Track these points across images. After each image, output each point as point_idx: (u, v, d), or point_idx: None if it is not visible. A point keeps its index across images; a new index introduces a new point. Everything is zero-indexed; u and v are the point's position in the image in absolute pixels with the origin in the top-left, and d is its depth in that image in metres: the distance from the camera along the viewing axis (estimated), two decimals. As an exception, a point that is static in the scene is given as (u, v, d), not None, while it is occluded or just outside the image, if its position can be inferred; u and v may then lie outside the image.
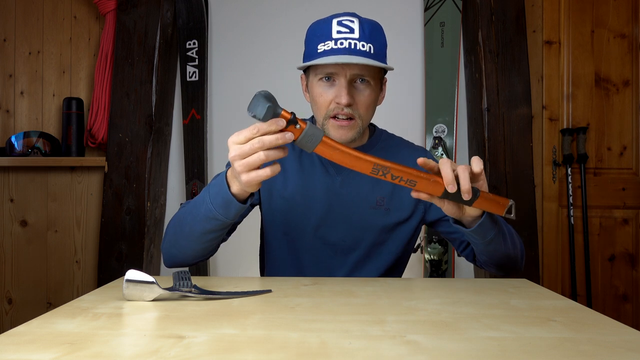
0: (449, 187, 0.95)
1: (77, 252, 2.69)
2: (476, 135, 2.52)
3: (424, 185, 0.97)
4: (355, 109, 1.18)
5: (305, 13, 2.48)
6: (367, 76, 1.17)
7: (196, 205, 1.09)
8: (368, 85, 1.19)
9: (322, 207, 1.28)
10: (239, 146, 0.92)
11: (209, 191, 1.05)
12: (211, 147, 2.69)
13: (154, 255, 2.58)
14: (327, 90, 1.19)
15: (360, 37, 1.15)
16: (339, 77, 1.16)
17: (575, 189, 2.60)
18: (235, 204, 1.02)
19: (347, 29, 1.15)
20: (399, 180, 0.96)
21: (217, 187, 1.03)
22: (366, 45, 1.14)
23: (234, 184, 1.00)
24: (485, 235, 1.09)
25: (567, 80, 2.64)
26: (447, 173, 0.95)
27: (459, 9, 2.55)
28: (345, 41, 1.14)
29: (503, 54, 2.46)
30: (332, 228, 1.29)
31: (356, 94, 1.18)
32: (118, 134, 2.52)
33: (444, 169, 0.96)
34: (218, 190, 1.03)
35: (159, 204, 2.62)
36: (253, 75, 2.68)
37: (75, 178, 2.70)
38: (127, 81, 2.52)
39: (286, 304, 0.89)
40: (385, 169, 0.94)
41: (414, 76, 2.65)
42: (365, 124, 1.22)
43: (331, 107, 1.18)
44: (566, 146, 2.58)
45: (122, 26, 2.55)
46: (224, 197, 1.01)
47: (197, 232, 1.10)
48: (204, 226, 1.08)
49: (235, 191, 1.01)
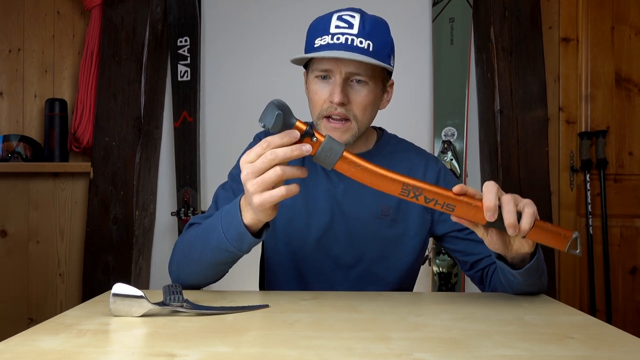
0: (487, 214, 0.90)
1: (61, 264, 2.68)
2: (488, 139, 2.53)
3: (464, 210, 0.92)
4: (350, 109, 1.17)
5: (305, 8, 2.49)
6: (364, 75, 1.17)
7: (207, 231, 1.08)
8: (365, 85, 1.18)
9: (324, 217, 1.28)
10: (251, 164, 0.91)
11: (221, 219, 1.04)
12: (204, 152, 2.68)
13: (143, 268, 2.59)
14: (322, 89, 1.19)
15: (359, 33, 1.14)
16: (334, 75, 1.16)
17: (594, 197, 2.59)
18: (248, 237, 1.00)
19: (345, 24, 1.15)
20: (434, 204, 0.91)
21: (230, 215, 1.01)
22: (364, 42, 1.14)
23: (247, 213, 0.98)
24: (530, 276, 1.06)
25: (585, 80, 2.63)
26: (488, 199, 0.90)
27: (470, 3, 2.55)
28: (342, 36, 1.14)
29: (517, 51, 2.47)
30: (334, 239, 1.28)
31: (352, 94, 1.17)
32: (104, 137, 2.52)
33: (486, 193, 0.91)
34: (230, 219, 1.01)
35: (148, 212, 2.62)
36: (249, 75, 2.67)
37: (59, 185, 2.69)
38: (114, 81, 2.53)
39: (284, 320, 0.89)
40: (417, 190, 0.90)
41: (421, 76, 2.64)
42: (362, 127, 1.21)
43: (325, 107, 1.18)
44: (584, 151, 2.57)
45: (109, 22, 2.55)
46: (237, 229, 1.00)
47: (207, 261, 1.10)
48: (215, 256, 1.08)
49: (248, 222, 0.99)
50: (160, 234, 2.71)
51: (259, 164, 0.89)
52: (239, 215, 0.98)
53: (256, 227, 1.00)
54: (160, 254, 2.69)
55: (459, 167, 2.50)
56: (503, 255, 1.04)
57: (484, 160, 2.60)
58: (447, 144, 2.53)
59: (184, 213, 2.58)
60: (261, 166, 0.89)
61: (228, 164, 1.36)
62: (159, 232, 2.71)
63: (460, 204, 0.91)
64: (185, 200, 2.59)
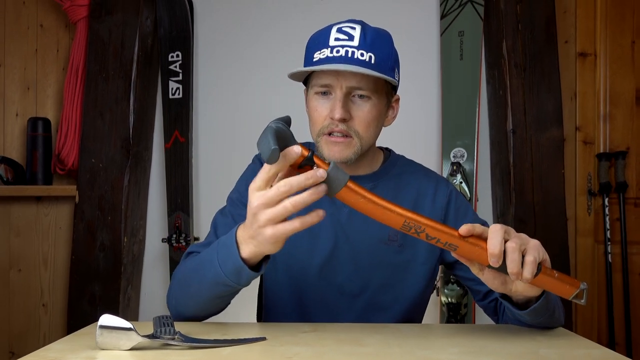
0: (492, 260, 0.89)
1: (44, 294, 2.65)
2: (500, 161, 2.49)
3: (467, 250, 0.91)
4: (351, 126, 1.16)
5: (304, 21, 2.44)
6: (366, 89, 1.16)
7: (203, 264, 1.07)
8: (367, 100, 1.17)
9: (327, 243, 1.26)
10: (262, 194, 0.88)
11: (217, 252, 1.02)
12: (197, 175, 2.66)
13: (132, 298, 2.56)
14: (322, 105, 1.18)
15: (360, 45, 1.14)
16: (335, 90, 1.16)
17: (613, 222, 2.54)
18: (246, 272, 0.98)
19: (346, 36, 1.15)
20: (435, 242, 0.91)
21: (226, 248, 0.99)
22: (365, 55, 1.13)
23: (247, 246, 0.96)
24: (537, 316, 1.05)
25: (603, 98, 2.59)
26: (493, 245, 0.89)
27: (480, 16, 2.51)
28: (342, 49, 1.14)
29: (531, 67, 2.44)
30: (338, 266, 1.27)
31: (353, 109, 1.17)
32: (90, 159, 2.50)
33: (492, 238, 0.89)
34: (227, 253, 0.99)
35: (138, 239, 2.60)
36: (245, 92, 2.65)
37: (42, 210, 2.68)
38: (101, 99, 2.50)
39: (283, 354, 0.89)
40: (419, 227, 0.89)
41: (429, 93, 2.61)
42: (365, 145, 1.20)
43: (325, 124, 1.17)
44: (603, 173, 2.53)
45: (95, 36, 2.52)
46: (234, 263, 0.98)
47: (205, 295, 1.09)
48: (212, 290, 1.07)
49: (247, 255, 0.96)
50: (150, 262, 2.68)
51: (273, 195, 0.87)
52: (235, 249, 0.96)
53: (255, 260, 0.98)
54: (150, 283, 2.67)
55: (468, 190, 2.47)
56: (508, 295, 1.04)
57: (495, 184, 2.56)
58: (456, 166, 2.49)
59: (175, 240, 2.56)
60: (275, 198, 0.87)
61: (222, 187, 1.37)
62: (148, 260, 2.68)
63: (464, 244, 0.91)
64: (177, 225, 2.57)
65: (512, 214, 2.39)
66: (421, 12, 2.63)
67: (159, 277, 2.65)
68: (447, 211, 1.30)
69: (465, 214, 1.31)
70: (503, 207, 2.46)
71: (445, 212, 1.30)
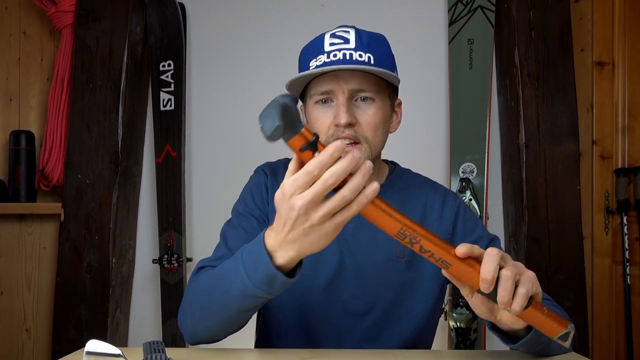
0: (483, 286, 0.87)
1: (27, 319, 2.64)
2: (512, 176, 2.47)
3: (460, 271, 0.89)
4: (359, 131, 1.17)
5: (303, 28, 2.45)
6: (369, 91, 1.17)
7: (225, 277, 1.02)
8: (372, 103, 1.18)
9: (332, 260, 1.26)
10: (305, 193, 0.82)
11: (242, 262, 0.97)
12: (190, 191, 2.66)
13: (121, 323, 2.55)
14: (324, 113, 1.19)
15: (357, 47, 1.15)
16: (336, 96, 1.16)
17: (632, 242, 2.52)
18: (281, 278, 0.92)
19: (341, 40, 1.16)
20: (428, 256, 0.88)
21: (254, 257, 0.95)
22: (364, 55, 1.14)
23: (285, 252, 0.91)
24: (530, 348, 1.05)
25: (622, 110, 2.57)
26: (486, 271, 0.86)
27: (491, 22, 2.49)
28: (340, 52, 1.14)
29: (545, 77, 2.43)
30: (343, 284, 1.26)
31: (358, 114, 1.17)
32: (77, 174, 2.49)
33: (486, 262, 0.87)
34: (256, 261, 0.94)
35: (127, 259, 2.58)
36: (240, 104, 2.64)
37: (25, 228, 2.67)
38: (87, 111, 2.50)
39: None
40: (415, 237, 0.86)
41: (436, 105, 2.61)
42: (375, 151, 1.21)
43: (330, 132, 1.17)
44: (621, 190, 2.51)
45: (82, 44, 2.52)
46: (266, 272, 0.92)
47: (229, 310, 1.04)
48: (239, 304, 1.02)
49: (283, 262, 0.91)
50: (140, 284, 2.67)
51: (321, 190, 0.81)
52: (265, 256, 0.92)
53: (289, 266, 0.93)
54: (140, 306, 2.66)
55: (478, 208, 2.45)
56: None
57: (507, 201, 2.55)
58: (465, 182, 2.47)
59: (167, 260, 2.52)
60: (323, 193, 0.81)
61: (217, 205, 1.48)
62: (138, 282, 2.67)
63: (458, 265, 0.88)
64: (169, 245, 2.54)
65: (524, 232, 2.37)
66: (428, 18, 2.63)
67: (150, 300, 2.62)
68: (455, 225, 1.30)
69: (474, 229, 1.30)
70: (515, 226, 2.45)
71: (454, 226, 1.29)
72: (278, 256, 0.92)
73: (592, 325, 2.52)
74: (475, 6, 2.49)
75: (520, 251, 2.36)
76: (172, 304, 2.48)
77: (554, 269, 2.32)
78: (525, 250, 2.33)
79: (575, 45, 2.49)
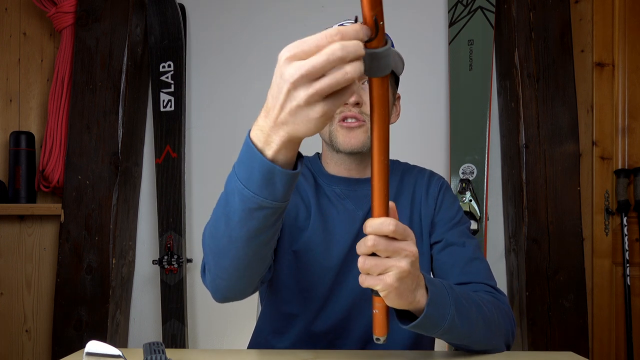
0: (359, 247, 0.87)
1: (27, 319, 2.64)
2: (512, 177, 2.48)
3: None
4: (364, 111, 1.22)
5: (304, 29, 2.50)
6: None
7: (226, 201, 0.91)
8: None
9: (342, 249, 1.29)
10: (307, 63, 0.71)
11: (235, 172, 0.87)
12: (190, 192, 2.67)
13: (121, 323, 2.55)
14: None
15: None
16: None
17: (632, 243, 2.53)
18: (279, 172, 0.82)
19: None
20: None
21: (246, 161, 0.84)
22: None
23: (272, 143, 0.81)
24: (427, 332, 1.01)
25: (622, 111, 2.58)
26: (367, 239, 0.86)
27: (491, 23, 2.50)
28: None
29: (545, 78, 2.43)
30: (353, 272, 1.28)
31: (365, 95, 1.22)
32: (77, 175, 2.48)
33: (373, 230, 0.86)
34: (249, 163, 0.83)
35: (127, 260, 2.58)
36: (240, 104, 2.65)
37: (25, 229, 2.66)
38: (87, 112, 2.49)
39: None
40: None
41: (436, 106, 2.61)
42: None
43: (338, 110, 1.21)
44: (621, 191, 2.51)
45: (82, 45, 2.51)
46: (261, 170, 0.82)
47: (239, 241, 0.93)
48: (247, 226, 0.90)
49: (274, 153, 0.81)
50: (140, 285, 2.67)
51: (323, 62, 0.70)
52: (257, 153, 0.81)
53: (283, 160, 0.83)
54: (140, 307, 2.66)
55: (478, 209, 2.45)
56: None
57: (507, 202, 2.55)
58: (465, 183, 2.48)
59: (167, 261, 2.52)
60: (326, 66, 0.70)
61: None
62: (138, 283, 2.67)
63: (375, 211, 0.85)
64: (169, 246, 2.54)
65: (524, 233, 2.37)
66: (428, 19, 2.63)
67: (150, 301, 2.62)
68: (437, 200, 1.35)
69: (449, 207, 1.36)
70: (515, 227, 2.45)
71: (436, 202, 1.35)
72: (268, 150, 0.81)
73: (592, 326, 2.52)
74: (475, 7, 2.49)
75: (520, 252, 2.37)
76: (172, 305, 2.48)
77: (553, 270, 2.33)
78: (525, 251, 2.33)
79: (575, 46, 2.50)
